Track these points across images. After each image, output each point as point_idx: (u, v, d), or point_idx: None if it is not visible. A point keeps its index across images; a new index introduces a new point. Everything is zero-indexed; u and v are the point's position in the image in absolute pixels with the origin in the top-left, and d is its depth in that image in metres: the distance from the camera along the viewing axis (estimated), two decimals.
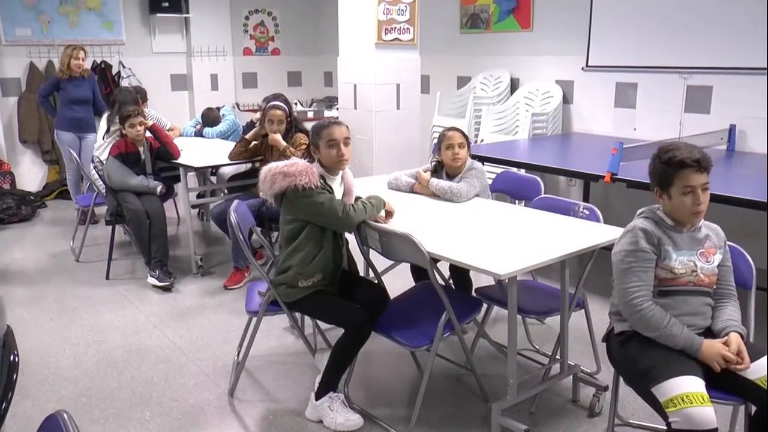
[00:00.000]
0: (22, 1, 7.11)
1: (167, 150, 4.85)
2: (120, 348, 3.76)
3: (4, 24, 7.06)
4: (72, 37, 7.21)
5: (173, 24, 8.00)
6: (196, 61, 8.11)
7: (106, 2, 7.58)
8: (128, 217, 4.67)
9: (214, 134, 6.05)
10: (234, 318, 4.07)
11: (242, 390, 3.23)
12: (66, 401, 3.17)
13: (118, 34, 7.73)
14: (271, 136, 4.54)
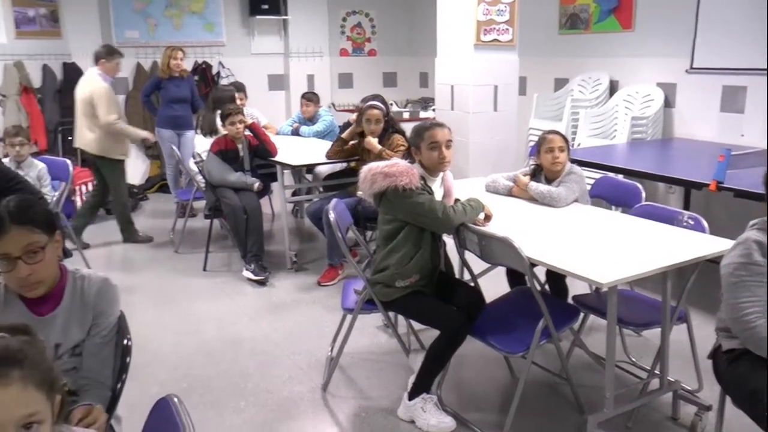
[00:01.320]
0: (132, 5, 7.46)
1: (265, 148, 4.96)
2: (217, 338, 3.87)
3: (115, 27, 7.43)
4: (175, 38, 7.49)
5: (272, 26, 8.19)
6: (293, 62, 8.27)
7: (208, 5, 7.85)
8: (226, 211, 4.81)
9: (310, 133, 6.16)
10: (327, 314, 4.13)
11: (335, 385, 3.27)
12: (166, 385, 3.29)
13: (219, 36, 7.98)
14: (367, 139, 4.58)
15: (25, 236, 1.78)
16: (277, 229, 6.02)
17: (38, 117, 6.73)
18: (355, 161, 4.94)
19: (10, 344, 1.15)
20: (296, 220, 6.46)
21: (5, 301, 1.89)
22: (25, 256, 1.78)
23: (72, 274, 1.97)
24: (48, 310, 1.91)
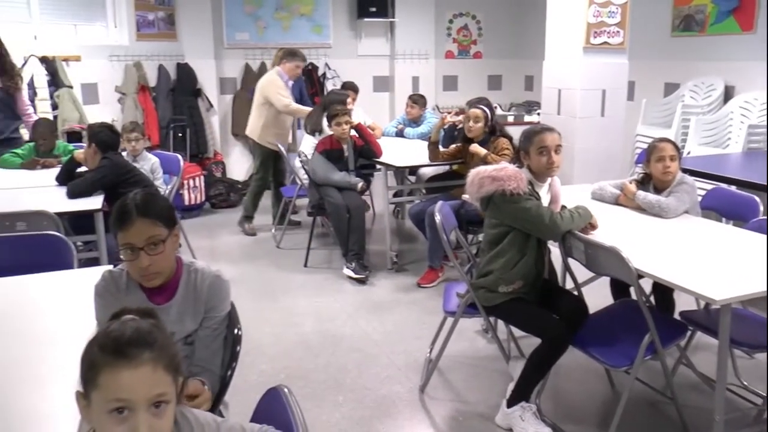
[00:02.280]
0: (243, 8, 7.74)
1: (370, 148, 5.03)
2: (316, 333, 3.96)
3: (227, 29, 7.72)
4: (284, 40, 7.69)
5: (379, 28, 8.29)
6: (399, 64, 8.34)
7: (317, 8, 8.03)
8: (329, 210, 4.91)
9: (414, 135, 6.19)
10: (426, 316, 4.14)
11: (433, 387, 3.28)
12: (266, 375, 3.40)
13: (326, 38, 8.15)
14: (472, 146, 4.57)
15: (149, 228, 1.88)
16: (377, 229, 6.08)
17: (152, 114, 7.10)
18: (458, 164, 4.94)
19: (142, 327, 1.21)
20: (396, 220, 6.52)
21: (126, 288, 2.01)
22: (147, 248, 1.88)
23: (187, 267, 2.07)
24: (164, 300, 2.01)
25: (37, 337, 2.09)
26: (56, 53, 6.31)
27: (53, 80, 6.19)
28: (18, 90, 5.19)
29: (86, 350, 1.20)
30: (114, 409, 1.14)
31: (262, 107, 5.90)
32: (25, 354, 1.97)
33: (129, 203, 1.90)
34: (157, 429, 1.17)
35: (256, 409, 1.59)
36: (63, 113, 6.18)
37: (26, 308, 2.34)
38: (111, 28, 7.05)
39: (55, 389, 1.75)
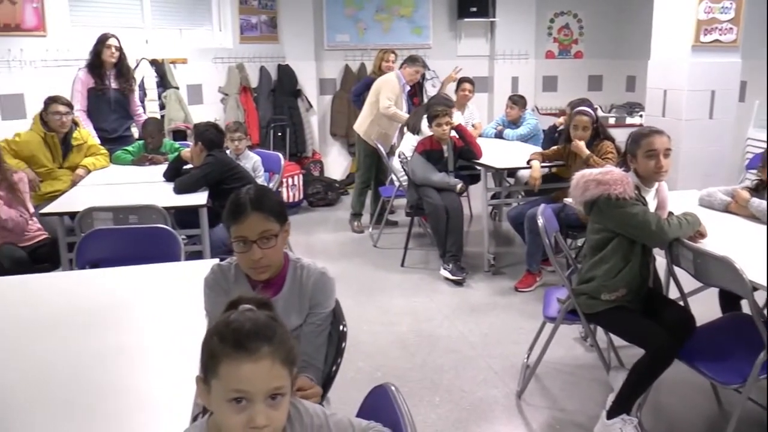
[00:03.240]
0: (344, 10, 7.87)
1: (470, 150, 5.02)
2: (412, 332, 3.99)
3: (327, 31, 7.87)
4: (384, 42, 7.75)
5: (479, 28, 8.23)
6: (498, 64, 8.27)
7: (417, 9, 8.06)
8: (428, 210, 4.93)
9: (514, 136, 6.13)
10: (523, 320, 4.10)
11: (530, 393, 3.25)
12: (363, 373, 3.46)
13: (426, 39, 8.17)
14: (574, 142, 4.46)
15: (262, 223, 1.95)
16: (474, 231, 6.05)
17: (253, 114, 7.32)
18: (558, 166, 4.85)
19: (260, 319, 1.26)
20: (494, 223, 6.46)
21: (235, 280, 2.09)
22: (260, 241, 1.96)
23: (294, 262, 2.13)
24: (271, 294, 2.08)
25: (147, 325, 2.21)
26: (165, 56, 6.60)
27: (161, 82, 6.49)
28: (132, 91, 5.51)
29: (207, 339, 1.26)
30: (233, 399, 1.20)
31: (373, 105, 6.00)
32: (137, 340, 2.09)
33: (243, 197, 1.98)
34: (274, 419, 1.22)
35: (362, 406, 1.63)
36: (170, 113, 6.46)
37: (138, 297, 2.47)
38: (216, 31, 7.32)
39: (164, 374, 1.85)
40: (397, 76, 6.03)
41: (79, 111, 5.18)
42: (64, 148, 4.79)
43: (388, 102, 5.86)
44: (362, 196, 6.30)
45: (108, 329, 2.16)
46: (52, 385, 1.78)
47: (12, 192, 4.00)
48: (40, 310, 2.34)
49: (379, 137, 5.98)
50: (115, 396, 1.74)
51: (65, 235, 3.80)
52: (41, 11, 5.71)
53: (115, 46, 5.29)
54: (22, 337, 2.11)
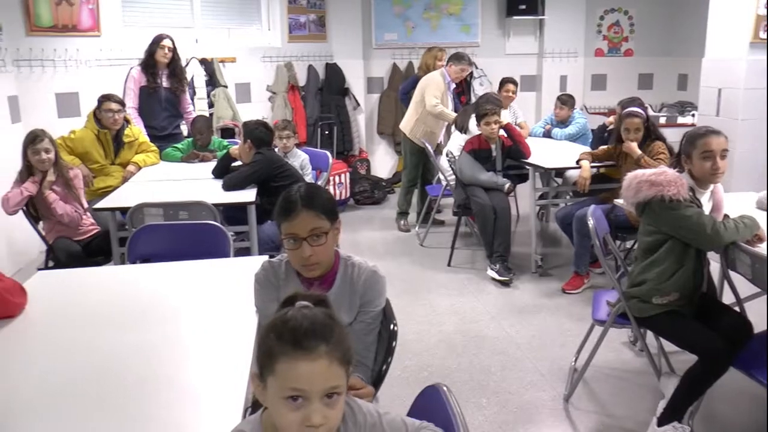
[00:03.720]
0: (392, 10, 7.87)
1: (519, 149, 4.96)
2: (459, 332, 3.97)
3: (376, 30, 7.89)
4: (432, 40, 7.71)
5: (527, 26, 8.14)
6: (547, 63, 8.16)
7: (466, 7, 8.01)
8: (475, 210, 4.89)
9: (562, 136, 6.05)
10: (571, 322, 4.04)
11: (578, 397, 3.19)
12: (410, 371, 3.45)
13: (474, 37, 8.11)
14: (626, 143, 4.37)
15: (312, 220, 1.96)
16: (521, 231, 5.99)
17: (301, 112, 7.38)
18: (607, 167, 4.77)
19: (317, 317, 1.25)
20: (541, 223, 6.38)
21: (286, 277, 2.10)
22: (310, 239, 1.96)
23: (344, 260, 2.13)
24: (321, 291, 2.09)
25: (197, 320, 2.23)
26: (214, 55, 6.70)
27: (210, 80, 6.60)
28: (183, 91, 5.61)
29: (263, 336, 1.26)
30: (289, 397, 1.20)
31: (418, 104, 6.00)
32: (186, 334, 2.12)
33: (294, 195, 1.98)
34: (329, 418, 1.22)
35: (413, 405, 1.62)
36: (218, 111, 6.56)
37: (188, 292, 2.50)
38: (265, 30, 7.40)
39: (214, 368, 1.86)
40: (441, 74, 6.00)
41: (131, 108, 5.29)
42: (116, 145, 4.89)
43: (435, 100, 5.84)
44: (408, 195, 6.30)
45: (158, 323, 2.19)
46: (104, 375, 1.82)
47: (68, 188, 4.11)
48: (94, 302, 2.39)
49: (425, 136, 5.97)
50: (166, 388, 1.76)
51: (117, 230, 3.87)
52: (96, 12, 5.87)
53: (168, 46, 5.39)
54: (76, 328, 2.16)
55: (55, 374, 1.83)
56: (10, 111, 5.34)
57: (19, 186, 4.03)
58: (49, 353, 1.98)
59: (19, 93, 5.51)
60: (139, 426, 1.57)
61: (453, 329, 4.02)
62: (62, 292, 2.53)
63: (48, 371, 1.85)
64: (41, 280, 2.64)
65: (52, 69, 5.69)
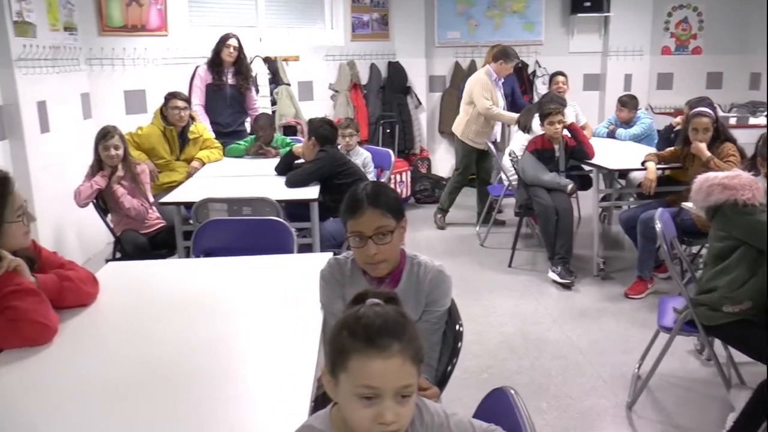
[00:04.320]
0: (455, 8, 7.82)
1: (583, 150, 4.87)
2: (519, 334, 3.92)
3: (438, 28, 7.85)
4: (494, 38, 7.62)
5: (592, 23, 7.98)
6: (611, 61, 7.99)
7: (529, 5, 7.90)
8: (537, 211, 4.82)
9: (627, 136, 5.90)
10: (633, 328, 3.95)
11: (641, 405, 3.11)
12: (470, 372, 3.42)
13: (538, 35, 8.00)
14: (694, 144, 4.24)
15: (378, 219, 1.96)
16: (583, 234, 5.86)
17: (362, 110, 7.41)
18: (674, 169, 4.63)
19: (390, 316, 1.25)
20: (603, 225, 6.25)
21: (351, 275, 2.11)
22: (375, 237, 1.96)
23: (410, 259, 2.13)
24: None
25: (260, 314, 2.24)
26: (278, 54, 6.79)
27: (273, 78, 6.69)
28: (248, 89, 5.70)
29: (335, 333, 1.26)
30: (362, 394, 1.20)
31: (468, 105, 5.99)
32: (249, 328, 2.13)
33: (360, 193, 1.99)
34: (401, 416, 1.22)
35: (479, 408, 1.61)
36: (281, 109, 6.65)
37: (252, 286, 2.52)
38: (328, 29, 7.46)
39: (278, 363, 1.88)
40: (487, 72, 5.95)
41: (197, 105, 5.41)
42: (182, 141, 5.00)
43: (488, 102, 5.81)
44: (453, 194, 6.28)
45: (223, 316, 2.22)
46: (169, 366, 1.85)
47: (135, 183, 4.23)
48: (161, 294, 2.45)
49: (477, 136, 5.94)
50: (232, 382, 1.78)
51: (181, 224, 3.95)
52: (164, 13, 6.02)
53: (234, 45, 5.49)
54: (145, 318, 2.21)
55: (123, 362, 1.88)
56: (83, 107, 5.54)
57: (89, 180, 4.16)
58: (118, 342, 2.04)
59: (91, 90, 5.71)
60: (204, 419, 1.59)
61: (514, 331, 3.97)
62: (130, 283, 2.59)
63: (116, 359, 1.90)
64: (111, 270, 2.71)
65: (122, 67, 5.88)
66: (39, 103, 4.69)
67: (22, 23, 4.46)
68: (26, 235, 2.14)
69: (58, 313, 2.08)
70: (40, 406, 1.65)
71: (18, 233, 2.09)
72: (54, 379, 1.80)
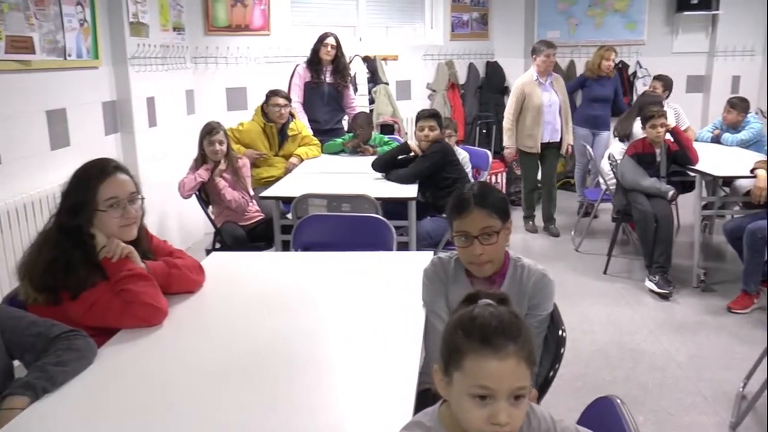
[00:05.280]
0: (556, 6, 7.67)
1: (685, 154, 4.70)
2: (614, 344, 3.82)
3: (538, 28, 7.71)
4: (595, 38, 7.44)
5: (698, 22, 7.64)
6: (718, 62, 7.63)
7: (632, 3, 7.65)
8: (636, 217, 4.68)
9: (734, 141, 5.65)
10: (737, 344, 3.77)
11: (747, 428, 2.94)
12: (563, 379, 3.32)
13: (640, 35, 7.73)
14: None
15: (484, 219, 1.96)
16: (682, 242, 5.64)
17: (459, 110, 7.38)
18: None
19: (504, 316, 1.25)
20: (704, 235, 6.00)
21: (454, 274, 2.11)
22: (481, 237, 1.97)
23: (514, 261, 2.11)
24: None
25: (362, 310, 2.25)
26: (377, 53, 6.86)
27: (372, 77, 6.76)
28: (346, 87, 5.78)
29: (450, 332, 1.27)
30: (476, 394, 1.21)
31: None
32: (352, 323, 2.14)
33: (467, 193, 2.00)
34: (515, 418, 1.22)
35: (583, 415, 1.58)
36: (378, 107, 6.71)
37: (352, 281, 2.54)
38: (427, 29, 7.47)
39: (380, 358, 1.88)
40: (530, 73, 5.90)
41: (296, 103, 5.53)
42: (281, 137, 5.13)
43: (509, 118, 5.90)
44: (527, 201, 6.24)
45: (322, 309, 2.26)
46: (270, 358, 1.88)
47: (236, 176, 4.38)
48: (261, 285, 2.51)
49: (527, 140, 5.88)
50: (332, 374, 1.81)
51: (280, 218, 4.05)
52: (267, 13, 6.19)
53: (332, 44, 5.58)
54: (245, 307, 2.27)
55: (227, 348, 1.94)
56: (187, 103, 5.77)
57: (193, 172, 4.33)
58: (222, 328, 2.11)
59: (195, 87, 5.95)
60: (306, 409, 1.61)
61: (608, 340, 3.87)
62: (232, 272, 2.66)
63: (220, 344, 1.97)
64: (213, 260, 2.81)
65: (225, 65, 6.09)
66: (148, 99, 4.91)
67: (137, 24, 4.69)
68: (122, 228, 2.12)
69: (167, 298, 2.17)
70: (150, 381, 1.76)
71: (109, 223, 2.10)
72: (163, 358, 1.89)
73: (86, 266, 2.06)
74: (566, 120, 5.95)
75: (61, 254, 2.04)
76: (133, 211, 2.14)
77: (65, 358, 1.74)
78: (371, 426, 1.57)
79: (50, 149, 3.85)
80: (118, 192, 2.10)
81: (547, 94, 5.85)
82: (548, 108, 5.82)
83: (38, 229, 2.20)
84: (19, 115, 3.57)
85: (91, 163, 2.15)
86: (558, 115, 5.89)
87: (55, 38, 3.82)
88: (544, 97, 5.82)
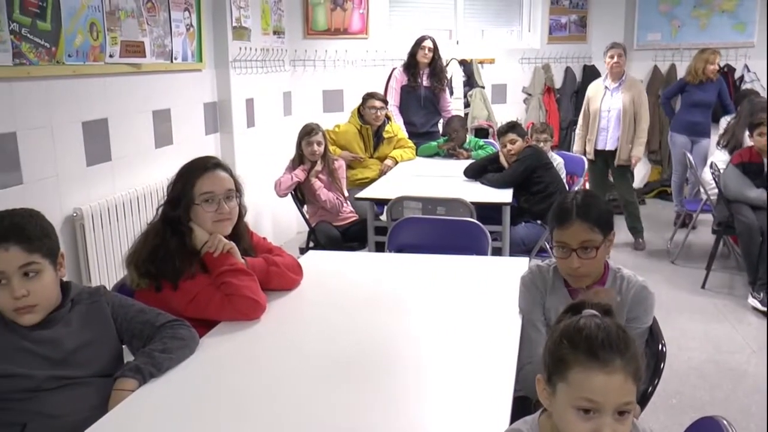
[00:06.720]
0: (658, 8, 7.42)
1: None
2: (712, 362, 3.67)
3: (638, 30, 7.48)
4: (699, 40, 7.15)
5: None
6: None
7: (741, 3, 7.26)
8: (739, 230, 4.48)
9: None
10: None
11: None
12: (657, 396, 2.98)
13: (749, 36, 7.34)
14: None
15: (585, 232, 1.93)
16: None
17: (555, 115, 7.25)
18: None
19: (612, 330, 1.23)
20: None
21: (552, 284, 2.09)
22: (580, 250, 1.94)
23: (613, 272, 2.07)
24: None
25: (456, 313, 2.25)
26: (473, 56, 6.84)
27: (468, 81, 6.74)
28: (442, 90, 5.79)
29: (555, 342, 1.26)
30: (581, 407, 1.20)
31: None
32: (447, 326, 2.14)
33: (570, 203, 1.97)
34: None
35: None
36: (473, 111, 6.70)
37: (448, 284, 2.53)
38: (525, 32, 7.39)
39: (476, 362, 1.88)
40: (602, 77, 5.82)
41: (392, 106, 5.59)
42: (376, 139, 5.21)
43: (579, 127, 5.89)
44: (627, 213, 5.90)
45: (417, 310, 2.27)
46: (367, 357, 1.91)
47: (332, 177, 4.47)
48: (357, 284, 2.56)
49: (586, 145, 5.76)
50: (427, 376, 1.81)
51: (374, 219, 4.10)
52: (366, 16, 6.29)
53: (428, 47, 5.61)
54: (340, 305, 2.32)
55: (323, 346, 1.98)
56: (284, 105, 5.94)
57: (290, 172, 4.45)
58: (318, 326, 2.15)
59: (292, 89, 6.10)
60: (401, 411, 1.63)
61: (705, 358, 3.73)
62: (329, 271, 2.71)
63: (317, 341, 2.02)
64: (310, 258, 2.88)
65: (322, 68, 6.23)
66: (247, 100, 5.08)
67: (240, 28, 4.87)
68: (216, 223, 2.19)
69: (265, 293, 2.23)
70: (250, 374, 1.82)
71: (204, 217, 2.17)
72: (261, 353, 1.96)
73: (182, 257, 2.14)
74: (629, 128, 5.55)
75: (162, 243, 2.15)
76: (227, 207, 2.21)
77: (170, 345, 1.83)
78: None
79: (155, 147, 4.04)
80: (214, 188, 2.18)
81: (609, 99, 5.63)
82: (605, 113, 5.63)
83: (143, 221, 2.31)
84: (129, 115, 3.76)
85: (195, 160, 2.27)
86: (617, 122, 5.60)
87: (164, 42, 4.01)
88: (604, 102, 5.64)
